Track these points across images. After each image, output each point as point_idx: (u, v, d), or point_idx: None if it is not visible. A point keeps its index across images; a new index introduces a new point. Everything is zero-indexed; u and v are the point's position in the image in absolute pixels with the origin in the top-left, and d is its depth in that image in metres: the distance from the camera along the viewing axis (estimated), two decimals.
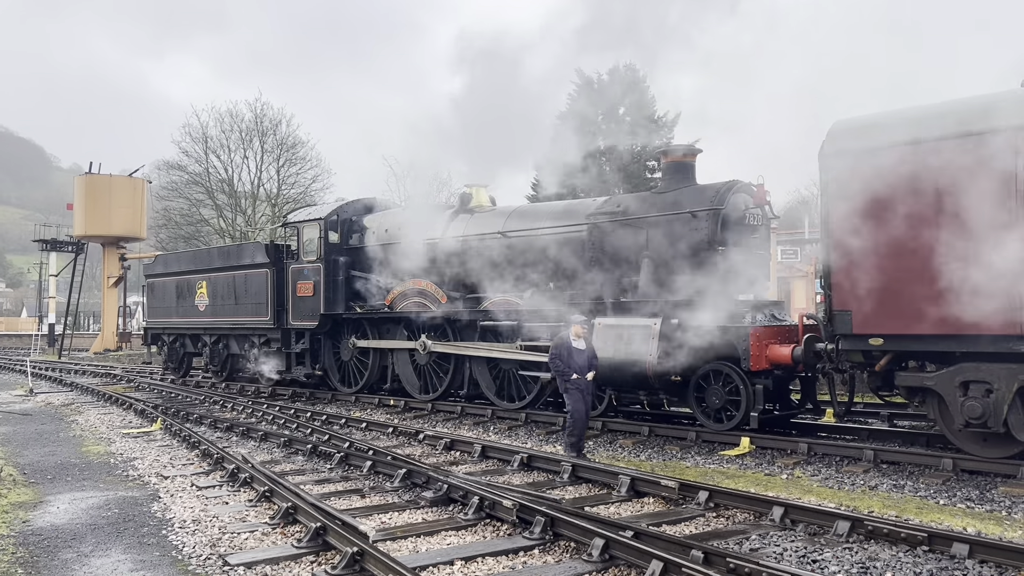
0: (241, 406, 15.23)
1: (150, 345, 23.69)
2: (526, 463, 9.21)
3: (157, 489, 8.50)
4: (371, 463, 9.18)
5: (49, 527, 7.03)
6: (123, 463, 10.08)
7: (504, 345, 13.16)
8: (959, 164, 8.28)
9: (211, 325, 19.48)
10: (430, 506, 7.51)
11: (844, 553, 5.86)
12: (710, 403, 10.76)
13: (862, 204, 8.91)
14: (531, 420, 12.62)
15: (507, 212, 14.36)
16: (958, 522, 6.72)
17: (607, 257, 12.38)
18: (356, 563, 5.57)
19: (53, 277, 45.21)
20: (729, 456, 9.78)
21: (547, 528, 6.32)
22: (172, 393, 18.55)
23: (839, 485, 8.25)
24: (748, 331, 10.25)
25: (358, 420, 13.07)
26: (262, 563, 5.83)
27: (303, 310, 16.74)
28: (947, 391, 8.55)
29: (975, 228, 8.17)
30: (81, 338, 48.71)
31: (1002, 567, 5.49)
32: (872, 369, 9.22)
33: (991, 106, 8.30)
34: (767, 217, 11.96)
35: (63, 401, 17.88)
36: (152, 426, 13.24)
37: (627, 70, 37.79)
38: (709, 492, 7.36)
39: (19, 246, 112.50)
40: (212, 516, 7.23)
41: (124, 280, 40.69)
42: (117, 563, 6.00)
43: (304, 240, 16.94)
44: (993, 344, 8.15)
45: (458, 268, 14.38)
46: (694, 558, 5.36)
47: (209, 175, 42.78)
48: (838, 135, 9.27)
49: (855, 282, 9.00)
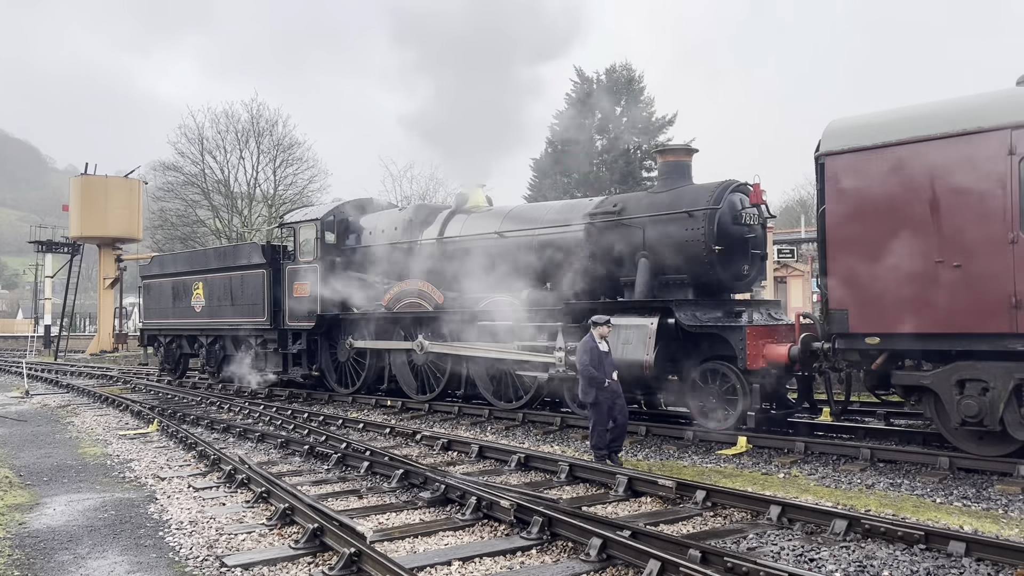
0: (238, 407, 15.21)
1: (146, 346, 23.64)
2: (523, 463, 9.20)
3: (154, 490, 8.49)
4: (368, 464, 9.17)
5: (45, 529, 7.01)
6: (120, 465, 10.06)
7: (501, 345, 13.16)
8: (954, 163, 8.31)
9: (207, 326, 19.46)
10: (428, 506, 7.50)
11: (841, 552, 5.87)
12: (707, 402, 10.77)
13: (858, 203, 8.94)
14: (528, 420, 12.62)
15: (504, 212, 14.36)
16: (955, 520, 6.73)
17: (604, 257, 12.38)
18: (354, 564, 5.56)
19: (49, 279, 45.14)
20: (726, 455, 9.79)
21: (545, 528, 6.31)
22: (168, 394, 18.52)
23: (836, 484, 8.26)
24: (745, 330, 10.26)
25: (355, 421, 13.06)
26: (259, 564, 5.82)
27: (300, 311, 16.73)
28: (943, 389, 8.57)
29: (970, 226, 8.19)
30: (77, 340, 48.60)
31: (999, 565, 5.50)
32: (868, 368, 9.23)
33: (986, 105, 8.32)
34: (763, 216, 11.98)
35: (59, 403, 17.84)
36: (149, 427, 13.21)
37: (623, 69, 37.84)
38: (706, 491, 7.36)
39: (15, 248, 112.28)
40: (209, 517, 7.22)
41: (120, 281, 40.61)
42: (114, 565, 5.99)
43: (300, 241, 16.92)
44: (989, 342, 8.16)
45: (455, 268, 14.38)
46: (692, 557, 5.37)
47: (205, 176, 42.73)
48: (834, 134, 9.28)
49: (851, 281, 9.02)
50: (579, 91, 37.29)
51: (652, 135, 36.43)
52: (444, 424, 13.00)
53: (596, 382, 9.14)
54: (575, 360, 9.29)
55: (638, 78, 37.18)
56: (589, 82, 37.23)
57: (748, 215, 11.60)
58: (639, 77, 37.19)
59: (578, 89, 37.35)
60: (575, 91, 37.44)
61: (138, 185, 40.71)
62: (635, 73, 37.28)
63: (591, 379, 9.15)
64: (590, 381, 9.18)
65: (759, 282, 12.71)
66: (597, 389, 9.17)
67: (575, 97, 37.37)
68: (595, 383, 9.14)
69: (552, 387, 12.57)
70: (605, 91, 36.62)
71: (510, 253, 13.61)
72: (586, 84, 37.22)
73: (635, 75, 37.23)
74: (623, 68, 37.36)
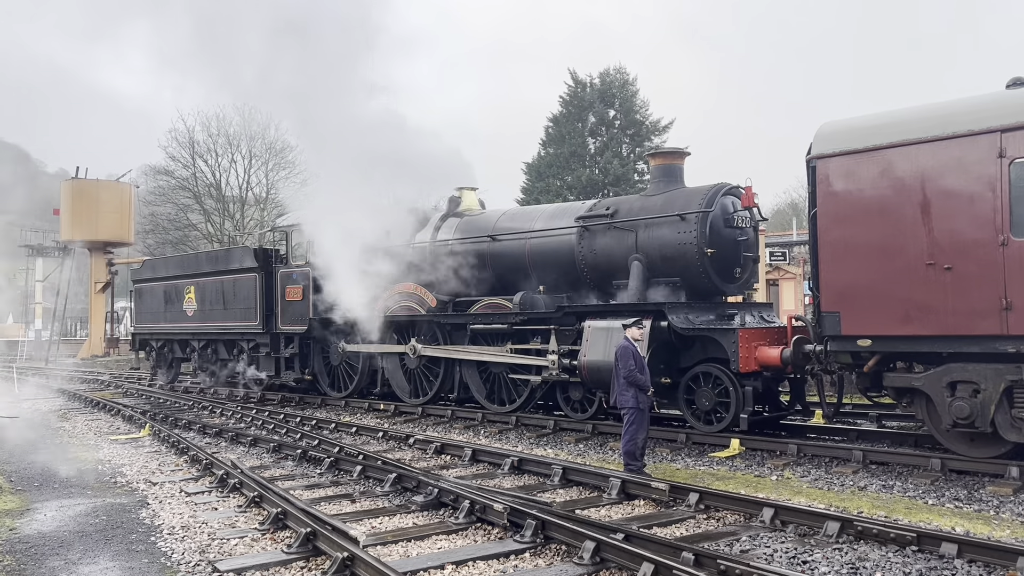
0: (230, 411, 15.16)
1: (138, 351, 23.54)
2: (517, 466, 9.20)
3: (146, 495, 8.45)
4: (361, 468, 9.15)
5: (36, 535, 6.97)
6: (111, 469, 10.01)
7: (494, 348, 13.15)
8: (945, 166, 8.35)
9: (199, 330, 19.39)
10: (421, 510, 7.49)
11: (834, 554, 5.89)
12: (700, 405, 10.78)
13: (850, 205, 8.97)
14: (521, 423, 12.60)
15: (497, 215, 14.36)
16: (947, 522, 6.76)
17: (597, 259, 12.40)
18: (347, 568, 5.55)
19: (40, 283, 44.88)
20: (719, 458, 9.80)
21: (538, 531, 6.31)
22: (160, 399, 18.43)
23: (829, 486, 8.28)
24: (737, 333, 10.28)
25: (348, 424, 13.03)
26: (252, 569, 5.80)
27: (292, 314, 16.69)
28: (935, 391, 8.60)
29: (961, 229, 8.23)
30: (68, 344, 48.34)
31: (991, 566, 5.52)
32: (860, 370, 9.27)
33: (976, 108, 8.37)
34: (755, 219, 12.01)
35: (50, 407, 17.74)
36: (140, 432, 13.15)
37: (617, 72, 37.91)
38: (699, 494, 7.37)
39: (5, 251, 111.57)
40: (201, 522, 7.19)
41: (112, 285, 40.44)
42: (105, 570, 5.96)
43: (293, 244, 16.89)
44: (980, 344, 8.20)
45: (447, 271, 14.37)
46: (685, 560, 5.37)
47: (196, 180, 42.59)
48: (825, 137, 9.32)
49: (843, 284, 9.05)
50: (572, 94, 37.35)
51: (645, 138, 36.52)
52: (437, 428, 12.98)
53: (643, 387, 8.87)
54: (618, 365, 8.87)
55: (632, 81, 37.26)
56: (582, 85, 37.28)
57: (740, 218, 11.64)
58: (633, 80, 37.27)
59: (571, 92, 37.41)
60: (568, 94, 37.49)
61: (129, 189, 40.55)
62: (629, 76, 37.35)
63: (637, 383, 8.85)
64: (635, 385, 8.87)
65: (751, 285, 12.74)
66: (640, 393, 8.90)
67: (568, 100, 37.43)
68: (642, 387, 8.87)
69: (545, 390, 12.56)
70: (598, 94, 36.69)
71: (503, 256, 13.61)
72: (579, 87, 37.28)
73: (629, 78, 37.30)
74: (617, 71, 37.43)
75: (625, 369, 8.81)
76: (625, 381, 8.82)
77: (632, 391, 8.81)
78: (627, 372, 8.80)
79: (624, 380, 8.82)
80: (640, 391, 8.81)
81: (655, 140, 36.40)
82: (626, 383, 8.82)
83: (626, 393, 8.85)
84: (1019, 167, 7.94)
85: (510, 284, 13.52)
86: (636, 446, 8.81)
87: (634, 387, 8.80)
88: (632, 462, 8.74)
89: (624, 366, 8.81)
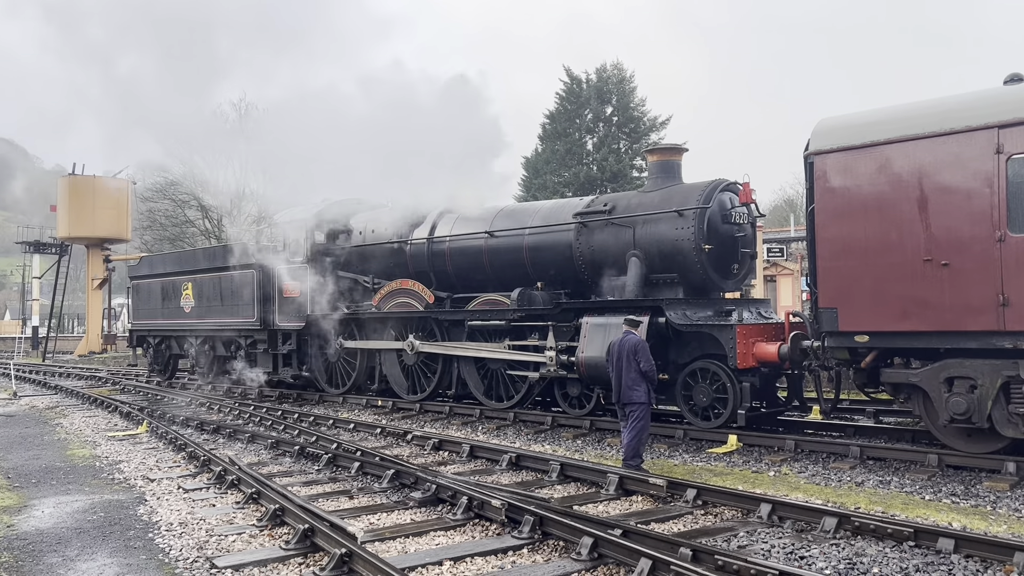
0: (228, 408, 15.15)
1: (135, 347, 23.52)
2: (515, 462, 9.21)
3: (143, 492, 8.45)
4: (359, 464, 9.15)
5: (34, 531, 6.97)
6: (109, 466, 10.01)
7: (492, 345, 13.15)
8: (942, 162, 8.35)
9: (197, 327, 19.36)
10: (419, 506, 7.49)
11: (831, 549, 5.90)
12: (697, 401, 10.79)
13: (847, 201, 8.98)
14: (519, 420, 12.61)
15: (494, 212, 14.34)
16: (944, 517, 6.77)
17: (595, 256, 12.40)
18: (344, 564, 5.55)
19: (36, 279, 44.80)
20: (717, 454, 9.82)
21: (536, 527, 6.32)
22: (158, 395, 18.42)
23: (826, 482, 8.29)
24: (735, 329, 10.29)
25: (346, 421, 13.03)
26: (250, 565, 5.80)
27: (289, 311, 16.67)
28: (932, 387, 8.61)
29: (958, 225, 8.24)
30: (65, 340, 48.28)
31: (987, 561, 5.54)
32: (858, 366, 9.28)
33: (973, 104, 8.37)
34: (753, 215, 12.02)
35: (47, 404, 17.72)
36: (138, 429, 13.14)
37: (614, 68, 37.87)
38: (697, 490, 7.38)
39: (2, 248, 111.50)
40: (199, 519, 7.19)
41: (109, 282, 40.37)
42: (103, 567, 5.95)
43: (290, 240, 16.87)
44: (977, 340, 8.21)
45: (445, 268, 14.36)
46: (682, 556, 5.38)
47: (194, 176, 42.46)
48: (823, 133, 9.32)
49: (841, 280, 9.05)
50: (568, 90, 37.32)
51: (643, 134, 36.51)
52: (435, 424, 12.98)
53: (655, 382, 8.81)
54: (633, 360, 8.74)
55: (629, 78, 37.23)
56: (579, 81, 37.26)
57: (738, 214, 11.64)
58: (630, 77, 37.24)
59: (567, 88, 37.38)
60: (565, 90, 37.47)
61: (126, 185, 40.48)
62: (626, 73, 37.32)
63: (654, 376, 8.84)
64: (650, 380, 8.85)
65: (749, 281, 12.75)
66: (652, 388, 8.86)
67: (565, 96, 37.40)
68: (655, 383, 8.82)
69: (543, 387, 12.56)
70: (595, 91, 36.66)
71: (500, 252, 13.61)
72: (575, 83, 37.25)
73: (626, 75, 37.27)
74: (614, 67, 37.41)
75: (648, 364, 8.77)
76: (643, 376, 8.78)
77: (644, 386, 8.79)
78: (649, 367, 8.77)
79: (643, 375, 8.78)
80: (652, 386, 8.80)
81: (652, 136, 36.40)
82: (641, 377, 8.78)
83: (638, 388, 8.79)
84: (1016, 163, 7.95)
85: (508, 280, 13.51)
86: (642, 443, 8.82)
87: (647, 382, 8.80)
88: (634, 458, 8.74)
89: (646, 360, 8.77)
